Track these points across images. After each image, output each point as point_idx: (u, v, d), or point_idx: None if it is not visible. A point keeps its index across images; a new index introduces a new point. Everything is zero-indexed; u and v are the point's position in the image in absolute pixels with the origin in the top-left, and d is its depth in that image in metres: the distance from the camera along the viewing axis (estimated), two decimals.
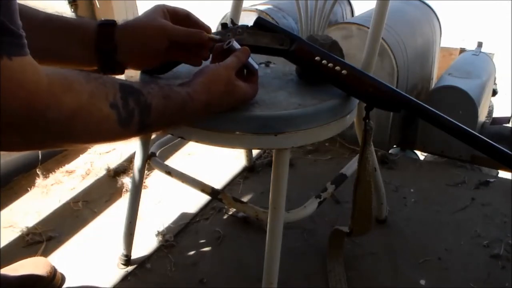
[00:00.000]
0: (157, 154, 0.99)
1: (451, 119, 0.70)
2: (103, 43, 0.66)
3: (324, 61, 0.73)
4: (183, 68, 0.82)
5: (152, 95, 0.57)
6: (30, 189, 1.39)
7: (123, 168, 1.48)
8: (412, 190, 1.38)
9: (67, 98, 0.46)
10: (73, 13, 1.67)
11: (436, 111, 0.71)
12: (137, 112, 0.54)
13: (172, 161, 1.55)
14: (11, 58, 0.40)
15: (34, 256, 1.07)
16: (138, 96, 0.55)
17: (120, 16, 1.75)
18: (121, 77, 0.62)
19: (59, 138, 0.48)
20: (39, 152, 1.48)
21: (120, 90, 0.53)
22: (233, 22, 0.78)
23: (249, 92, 0.71)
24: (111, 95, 0.51)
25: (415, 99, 0.73)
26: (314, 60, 0.74)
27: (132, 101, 0.53)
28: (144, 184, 1.18)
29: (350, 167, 0.97)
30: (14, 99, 0.41)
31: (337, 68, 0.73)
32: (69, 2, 1.67)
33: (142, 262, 1.09)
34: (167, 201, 1.34)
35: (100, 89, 0.50)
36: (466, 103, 1.59)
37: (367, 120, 0.78)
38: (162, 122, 0.61)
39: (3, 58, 0.40)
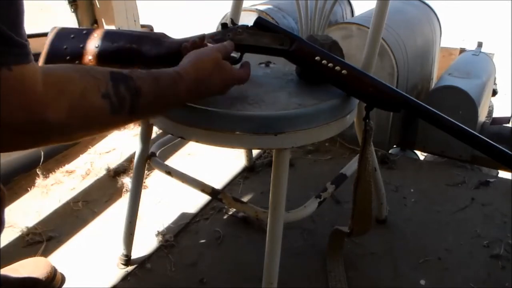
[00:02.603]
0: (157, 154, 0.99)
1: (451, 119, 0.70)
2: None
3: (324, 61, 0.73)
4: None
5: (142, 79, 0.59)
6: (30, 189, 1.39)
7: (123, 168, 1.48)
8: (412, 190, 1.38)
9: (61, 101, 0.49)
10: (73, 13, 1.67)
11: (436, 111, 0.71)
12: (128, 98, 0.56)
13: (172, 161, 1.55)
14: (10, 68, 0.43)
15: (34, 256, 1.07)
16: (128, 81, 0.57)
17: (120, 16, 1.75)
18: None
19: (60, 135, 0.52)
20: (39, 152, 1.49)
21: (111, 78, 0.55)
22: (233, 22, 0.78)
23: (240, 73, 0.72)
24: (103, 86, 0.53)
25: (415, 99, 0.73)
26: (314, 60, 0.74)
27: (122, 88, 0.56)
28: (144, 184, 1.18)
29: (350, 167, 0.97)
30: (13, 107, 0.44)
31: (337, 68, 0.73)
32: (69, 2, 1.67)
33: (142, 262, 1.09)
34: (167, 201, 1.33)
35: (91, 83, 0.53)
36: (466, 103, 1.59)
37: (367, 120, 0.78)
38: (154, 104, 0.62)
39: (2, 69, 0.43)
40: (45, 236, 1.17)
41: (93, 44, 0.78)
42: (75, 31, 0.79)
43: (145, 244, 1.14)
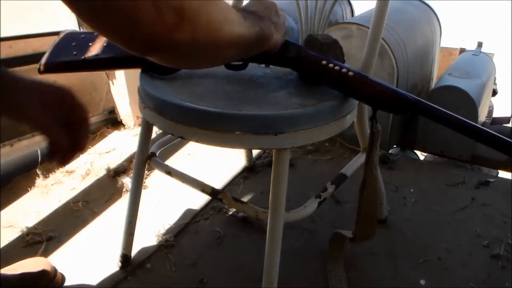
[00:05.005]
0: (157, 154, 0.99)
1: (461, 117, 0.69)
2: None
3: (330, 65, 0.73)
4: (185, 69, 0.82)
5: None
6: (30, 189, 1.39)
7: (123, 168, 1.48)
8: (412, 190, 1.38)
9: None
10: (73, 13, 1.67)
11: (445, 110, 0.70)
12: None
13: (172, 161, 1.55)
14: None
15: (34, 256, 1.06)
16: None
17: None
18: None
19: None
20: (39, 152, 1.49)
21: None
22: None
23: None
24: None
25: (424, 101, 0.71)
26: (321, 65, 0.73)
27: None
28: (144, 184, 1.18)
29: (350, 167, 0.97)
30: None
31: (344, 70, 0.72)
32: None
33: (142, 262, 1.09)
34: (167, 201, 1.34)
35: None
36: (466, 103, 1.59)
37: (374, 123, 0.76)
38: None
39: None
40: (45, 236, 1.17)
41: (101, 43, 0.80)
42: (86, 32, 0.84)
43: (145, 244, 1.14)
